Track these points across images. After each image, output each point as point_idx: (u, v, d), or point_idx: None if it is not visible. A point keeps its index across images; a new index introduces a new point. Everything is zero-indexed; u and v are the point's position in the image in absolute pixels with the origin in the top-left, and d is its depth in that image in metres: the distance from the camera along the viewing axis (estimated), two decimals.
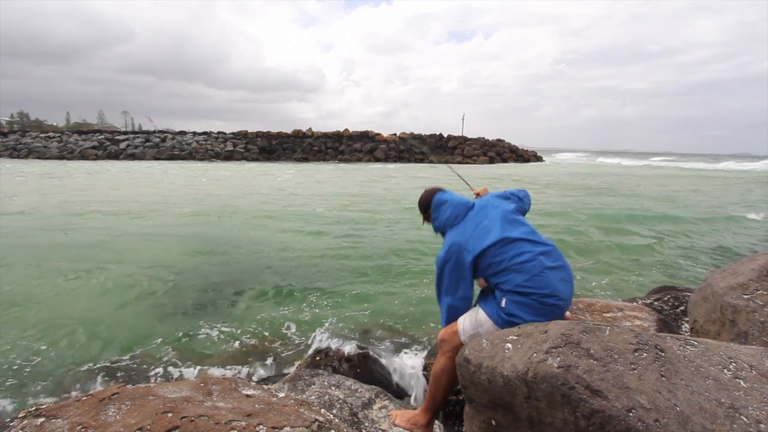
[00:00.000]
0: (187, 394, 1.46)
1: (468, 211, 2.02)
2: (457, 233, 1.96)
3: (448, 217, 2.05)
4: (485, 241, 1.85)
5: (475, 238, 1.89)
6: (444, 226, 2.07)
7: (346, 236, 8.22)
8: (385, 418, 2.13)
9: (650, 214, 10.82)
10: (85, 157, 40.29)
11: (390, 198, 14.09)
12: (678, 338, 1.50)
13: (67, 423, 1.23)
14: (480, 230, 1.91)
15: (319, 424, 1.40)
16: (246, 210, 11.25)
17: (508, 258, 1.80)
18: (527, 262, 1.77)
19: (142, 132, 52.95)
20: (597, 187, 18.49)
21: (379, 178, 22.94)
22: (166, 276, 5.61)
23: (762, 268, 2.25)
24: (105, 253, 6.69)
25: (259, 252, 7.01)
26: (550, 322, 1.65)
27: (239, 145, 43.82)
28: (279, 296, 5.00)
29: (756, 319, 1.98)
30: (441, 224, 2.09)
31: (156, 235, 8.18)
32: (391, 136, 46.44)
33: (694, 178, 26.71)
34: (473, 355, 1.60)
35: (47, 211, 10.48)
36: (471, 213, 2.01)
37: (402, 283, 5.47)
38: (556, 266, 1.80)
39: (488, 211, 1.98)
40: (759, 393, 1.23)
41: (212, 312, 4.56)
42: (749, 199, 15.02)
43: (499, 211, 1.96)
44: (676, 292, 3.36)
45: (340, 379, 2.44)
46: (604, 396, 1.19)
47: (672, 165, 52.09)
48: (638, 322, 2.32)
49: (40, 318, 4.27)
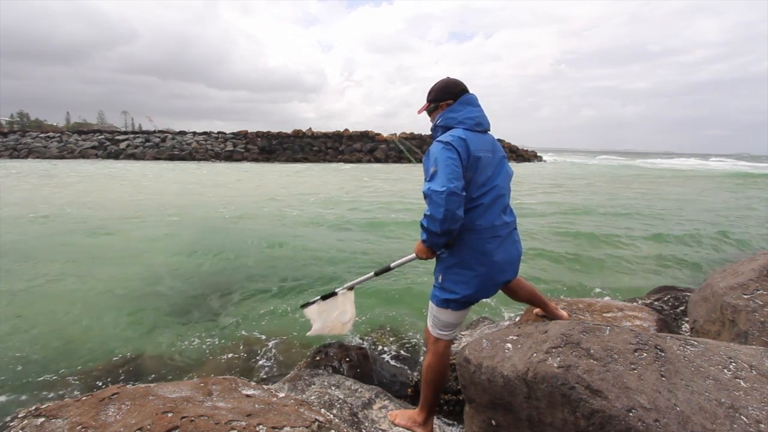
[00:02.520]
0: (187, 394, 1.46)
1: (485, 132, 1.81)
2: (470, 135, 1.71)
3: (467, 119, 1.76)
4: (485, 174, 1.71)
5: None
6: (452, 122, 1.78)
7: (346, 237, 8.23)
8: (385, 418, 2.13)
9: (648, 212, 10.83)
10: (85, 157, 40.31)
11: (383, 198, 14.09)
12: (678, 338, 1.50)
13: (67, 423, 1.23)
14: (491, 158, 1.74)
15: (319, 424, 1.40)
16: (243, 210, 11.25)
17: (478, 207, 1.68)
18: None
19: (142, 132, 52.94)
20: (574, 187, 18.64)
21: (368, 178, 22.94)
22: (165, 277, 5.62)
23: (762, 268, 2.25)
24: (104, 254, 6.69)
25: (259, 253, 7.02)
26: (551, 322, 1.65)
27: (239, 145, 43.79)
28: (279, 296, 5.00)
29: (756, 319, 1.98)
30: (452, 119, 1.78)
31: (153, 237, 8.17)
32: (390, 136, 46.42)
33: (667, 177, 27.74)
34: (473, 355, 1.60)
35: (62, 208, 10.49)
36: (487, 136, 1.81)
37: (402, 282, 5.48)
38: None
39: (499, 152, 1.82)
40: (759, 393, 1.23)
41: (212, 312, 4.56)
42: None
43: (505, 165, 1.84)
44: (676, 292, 3.36)
45: (340, 379, 2.44)
46: (604, 396, 1.19)
47: (662, 164, 54.15)
48: (638, 322, 2.32)
49: (40, 318, 4.27)
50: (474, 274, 1.71)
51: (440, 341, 1.83)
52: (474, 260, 1.70)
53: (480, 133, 1.77)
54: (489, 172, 1.73)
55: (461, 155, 1.63)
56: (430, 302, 1.84)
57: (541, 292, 2.27)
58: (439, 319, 1.81)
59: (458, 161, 1.61)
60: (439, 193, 1.54)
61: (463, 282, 1.72)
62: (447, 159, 1.60)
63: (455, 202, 1.55)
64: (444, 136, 1.70)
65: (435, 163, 1.62)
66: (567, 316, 2.30)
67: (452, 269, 1.73)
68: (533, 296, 2.17)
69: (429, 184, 1.60)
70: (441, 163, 1.60)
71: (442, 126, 1.81)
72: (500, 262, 1.74)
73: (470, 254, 1.70)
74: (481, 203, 1.69)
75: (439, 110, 1.85)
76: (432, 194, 1.56)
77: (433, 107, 1.88)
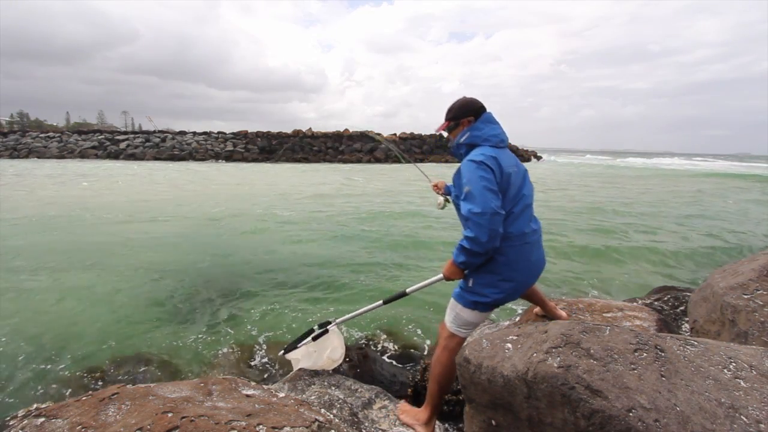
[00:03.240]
0: (187, 394, 1.46)
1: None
2: (498, 152, 1.77)
3: (491, 136, 1.81)
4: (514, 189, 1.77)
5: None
6: (477, 139, 1.82)
7: (346, 237, 8.22)
8: (385, 418, 2.13)
9: (646, 211, 10.85)
10: (85, 157, 40.30)
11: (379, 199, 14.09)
12: (678, 338, 1.50)
13: (67, 423, 1.23)
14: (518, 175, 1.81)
15: (319, 424, 1.40)
16: (239, 209, 11.25)
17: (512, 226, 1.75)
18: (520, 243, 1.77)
19: (142, 132, 52.93)
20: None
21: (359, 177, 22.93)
22: (165, 277, 5.62)
23: (762, 268, 2.25)
24: (104, 255, 6.69)
25: (259, 253, 7.02)
26: (550, 322, 1.65)
27: (239, 145, 43.78)
28: (279, 297, 5.00)
29: (756, 319, 1.98)
30: (477, 137, 1.82)
31: (153, 237, 8.18)
32: (391, 136, 46.46)
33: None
34: (473, 355, 1.60)
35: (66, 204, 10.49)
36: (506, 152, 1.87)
37: (402, 283, 5.48)
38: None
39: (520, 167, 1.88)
40: (759, 393, 1.23)
41: (212, 312, 4.56)
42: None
43: (528, 177, 1.91)
44: (676, 292, 3.36)
45: (340, 379, 2.44)
46: (604, 396, 1.19)
47: (635, 163, 55.85)
48: (638, 322, 2.32)
49: (39, 319, 4.27)
50: (505, 279, 1.78)
51: (455, 338, 1.88)
52: (506, 267, 1.77)
53: (503, 149, 1.83)
54: (518, 185, 1.80)
55: (495, 173, 1.68)
56: (454, 300, 1.89)
57: (541, 291, 2.28)
58: (462, 318, 1.86)
59: (493, 180, 1.67)
60: (481, 215, 1.60)
61: (494, 286, 1.78)
62: (482, 179, 1.65)
63: (497, 222, 1.62)
64: (475, 154, 1.74)
65: (469, 183, 1.67)
66: (566, 316, 2.31)
67: (484, 274, 1.79)
68: (533, 293, 2.23)
69: (469, 206, 1.64)
70: (477, 183, 1.65)
71: (467, 144, 1.84)
72: (530, 267, 1.83)
73: (503, 261, 1.76)
74: (513, 212, 1.76)
75: (460, 128, 1.90)
76: (474, 217, 1.62)
77: (453, 125, 1.92)
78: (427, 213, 10.76)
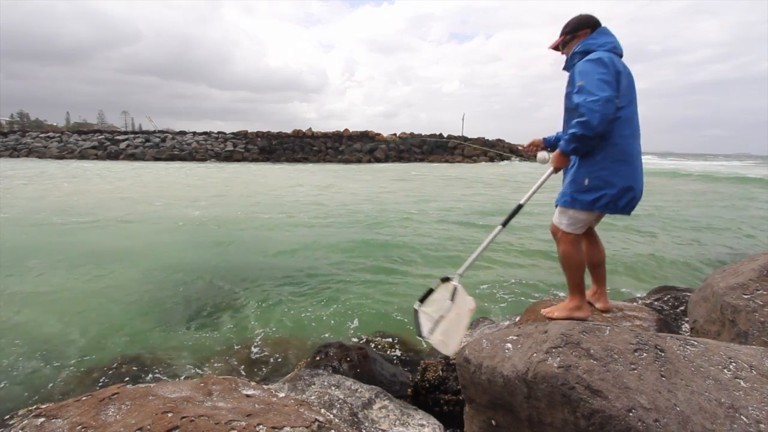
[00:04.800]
0: (187, 394, 1.46)
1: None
2: (613, 56, 1.87)
3: (606, 43, 1.92)
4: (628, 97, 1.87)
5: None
6: (592, 47, 1.91)
7: (345, 238, 8.22)
8: (385, 418, 2.12)
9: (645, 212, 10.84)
10: (85, 157, 40.30)
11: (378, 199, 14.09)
12: (678, 338, 1.50)
13: (67, 423, 1.23)
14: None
15: (319, 424, 1.40)
16: (238, 209, 11.25)
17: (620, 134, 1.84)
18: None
19: (142, 132, 52.94)
20: None
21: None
22: (165, 277, 5.61)
23: (762, 268, 2.25)
24: (104, 255, 6.69)
25: (259, 253, 7.01)
26: (550, 322, 1.65)
27: (239, 145, 43.79)
28: (279, 297, 4.99)
29: (756, 319, 1.98)
30: (592, 44, 1.92)
31: (152, 237, 8.17)
32: (391, 135, 46.47)
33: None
34: (473, 355, 1.60)
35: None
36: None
37: (402, 283, 5.48)
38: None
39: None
40: (759, 393, 1.23)
41: (212, 312, 4.56)
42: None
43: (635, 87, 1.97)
44: (676, 292, 3.36)
45: (340, 379, 2.44)
46: (604, 396, 1.19)
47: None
48: (638, 322, 2.32)
49: (39, 319, 4.27)
50: (624, 169, 1.88)
51: (571, 235, 2.01)
52: (623, 160, 1.87)
53: (617, 56, 1.91)
54: (629, 88, 1.88)
55: (610, 69, 1.77)
56: (563, 207, 2.01)
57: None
58: (577, 219, 1.98)
59: (608, 73, 1.76)
60: (594, 101, 1.70)
61: (617, 176, 1.87)
62: (597, 72, 1.75)
63: (610, 108, 1.71)
64: (591, 55, 1.85)
65: (583, 77, 1.78)
66: (609, 307, 2.37)
67: (603, 168, 1.87)
68: (600, 266, 2.30)
69: (581, 96, 1.75)
70: (592, 76, 1.75)
71: (581, 52, 1.94)
72: (640, 169, 1.94)
73: (619, 153, 1.86)
74: (625, 113, 1.85)
75: (576, 40, 2.00)
76: (586, 102, 1.72)
77: (569, 38, 2.03)
78: (431, 210, 10.77)
